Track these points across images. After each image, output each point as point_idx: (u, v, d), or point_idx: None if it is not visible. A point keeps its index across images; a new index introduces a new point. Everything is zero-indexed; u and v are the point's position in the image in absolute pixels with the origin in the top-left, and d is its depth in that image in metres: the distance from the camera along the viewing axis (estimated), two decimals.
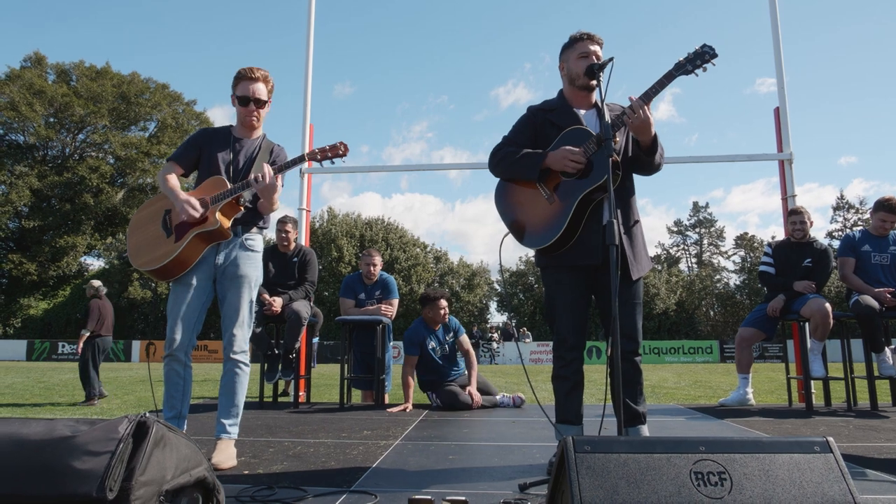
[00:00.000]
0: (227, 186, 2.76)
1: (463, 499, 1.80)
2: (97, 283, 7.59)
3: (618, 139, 2.58)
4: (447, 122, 69.08)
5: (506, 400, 4.96)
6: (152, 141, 38.74)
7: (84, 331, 7.19)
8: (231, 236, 2.81)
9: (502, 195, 2.70)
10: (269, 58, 60.34)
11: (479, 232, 62.97)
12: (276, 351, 5.07)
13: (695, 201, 54.66)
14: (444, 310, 4.97)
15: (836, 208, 40.53)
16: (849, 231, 7.82)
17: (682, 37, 62.14)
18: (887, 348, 4.57)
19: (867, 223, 5.60)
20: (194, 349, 2.80)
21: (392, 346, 5.85)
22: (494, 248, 60.82)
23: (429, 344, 4.93)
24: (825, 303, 4.50)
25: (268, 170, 2.69)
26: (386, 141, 68.01)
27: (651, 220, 58.17)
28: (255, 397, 5.43)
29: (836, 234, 38.05)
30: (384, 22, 65.87)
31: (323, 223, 34.55)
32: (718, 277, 40.41)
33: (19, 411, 6.25)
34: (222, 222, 2.72)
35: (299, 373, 5.30)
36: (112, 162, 37.63)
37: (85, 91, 36.05)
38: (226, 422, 2.74)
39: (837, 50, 63.18)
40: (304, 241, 5.86)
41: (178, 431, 1.53)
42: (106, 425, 1.38)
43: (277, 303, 4.91)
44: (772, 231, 51.86)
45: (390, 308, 5.33)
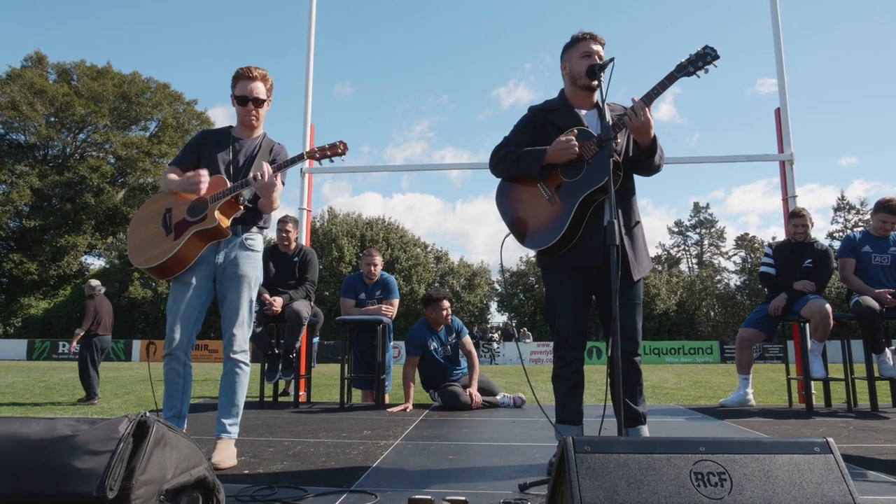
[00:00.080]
0: (227, 185, 2.76)
1: (463, 499, 1.80)
2: (95, 282, 7.60)
3: (619, 140, 2.58)
4: (448, 121, 69.21)
5: (506, 400, 4.96)
6: (153, 140, 38.77)
7: (78, 330, 7.20)
8: (230, 235, 2.80)
9: (503, 195, 2.70)
10: (269, 58, 60.45)
11: (479, 232, 63.06)
12: (277, 351, 5.07)
13: (695, 202, 54.85)
14: (447, 311, 4.96)
15: (837, 209, 40.55)
16: (849, 232, 7.80)
17: (682, 37, 62.29)
18: (887, 349, 4.57)
19: (868, 224, 5.59)
20: (194, 349, 2.79)
21: (392, 345, 5.85)
22: (495, 248, 60.76)
23: (431, 345, 4.94)
24: (825, 303, 4.50)
25: (266, 168, 2.69)
26: (386, 141, 68.15)
27: (652, 221, 58.28)
28: (255, 397, 5.43)
29: (837, 235, 38.03)
30: (384, 22, 66.01)
31: (323, 223, 34.55)
32: (719, 278, 40.40)
33: (20, 410, 6.26)
34: (221, 221, 2.72)
35: (299, 372, 5.30)
36: (113, 161, 37.66)
37: (86, 90, 36.08)
38: (226, 421, 2.74)
39: (837, 50, 63.30)
40: (305, 240, 5.86)
41: (179, 431, 1.53)
42: (106, 425, 1.38)
43: (278, 302, 4.92)
44: (772, 232, 51.86)
45: (391, 308, 5.33)
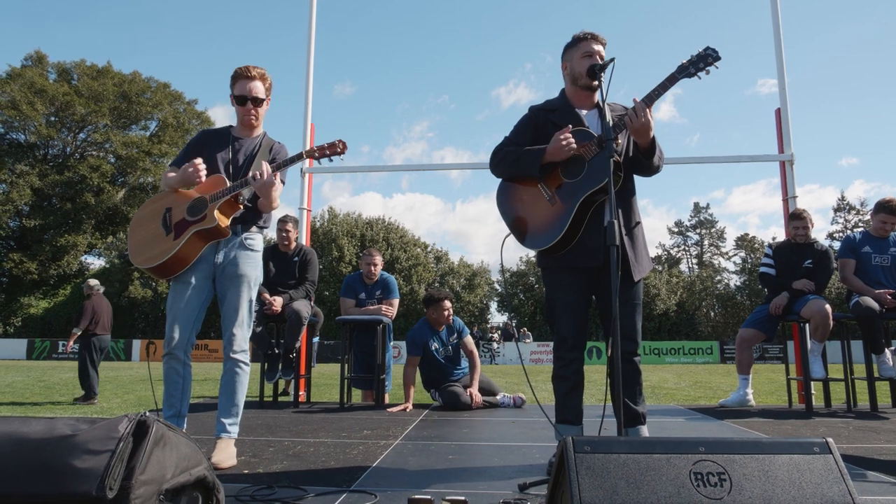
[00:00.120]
0: (227, 185, 2.76)
1: (463, 499, 1.80)
2: (93, 281, 7.60)
3: (619, 140, 2.58)
4: (448, 121, 69.22)
5: (506, 400, 4.96)
6: (153, 140, 38.77)
7: (75, 329, 7.20)
8: (230, 234, 2.80)
9: (504, 195, 2.70)
10: (269, 58, 60.45)
11: (479, 232, 63.08)
12: (277, 350, 5.07)
13: (696, 202, 54.96)
14: (448, 311, 4.96)
15: (837, 209, 40.54)
16: (849, 232, 7.80)
17: (682, 37, 62.31)
18: (887, 350, 4.57)
19: (868, 225, 5.59)
20: (194, 348, 2.79)
21: (392, 345, 5.85)
22: (495, 248, 60.81)
23: (432, 345, 4.93)
24: (825, 304, 4.49)
25: (266, 167, 2.69)
26: (387, 141, 68.15)
27: (652, 221, 58.28)
28: (255, 397, 5.43)
29: (837, 236, 38.04)
30: (384, 22, 66.03)
31: (323, 223, 34.55)
32: (719, 278, 40.38)
33: (19, 410, 6.26)
34: (220, 220, 2.71)
35: (299, 372, 5.30)
36: (113, 161, 37.65)
37: (86, 90, 36.07)
38: (226, 421, 2.74)
39: (837, 50, 63.30)
40: (305, 240, 5.86)
41: (178, 430, 1.53)
42: (106, 424, 1.38)
43: (278, 302, 4.92)
44: (772, 232, 51.80)
45: (391, 308, 5.33)
